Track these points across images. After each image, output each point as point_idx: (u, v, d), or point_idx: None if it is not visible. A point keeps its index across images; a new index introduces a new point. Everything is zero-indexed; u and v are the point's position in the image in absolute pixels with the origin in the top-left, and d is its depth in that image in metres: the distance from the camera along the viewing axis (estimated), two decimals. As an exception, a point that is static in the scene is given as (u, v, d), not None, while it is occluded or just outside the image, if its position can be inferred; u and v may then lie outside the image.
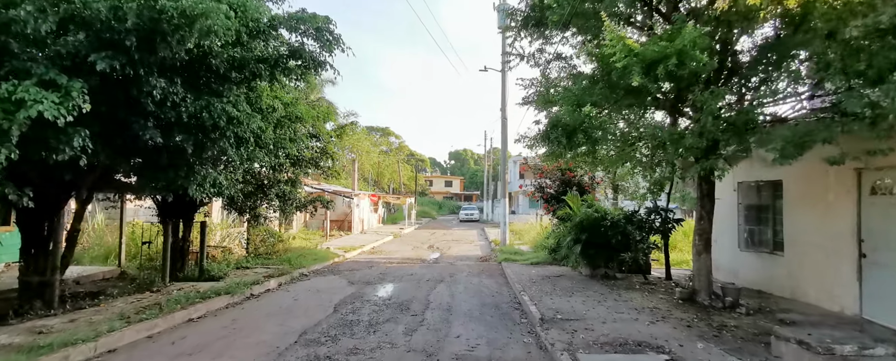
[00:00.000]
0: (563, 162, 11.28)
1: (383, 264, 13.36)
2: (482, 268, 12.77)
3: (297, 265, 11.32)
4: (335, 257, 13.86)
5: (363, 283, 9.98)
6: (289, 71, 7.40)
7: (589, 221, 10.30)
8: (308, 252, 13.60)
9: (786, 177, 8.09)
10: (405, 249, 18.16)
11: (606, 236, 9.97)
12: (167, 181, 6.61)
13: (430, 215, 47.70)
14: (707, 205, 7.55)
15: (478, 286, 9.85)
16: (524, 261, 13.18)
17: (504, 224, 16.94)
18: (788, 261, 8.00)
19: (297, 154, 11.09)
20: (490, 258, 14.86)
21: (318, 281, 10.16)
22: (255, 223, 11.07)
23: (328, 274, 11.18)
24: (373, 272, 11.52)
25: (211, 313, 6.88)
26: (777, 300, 7.65)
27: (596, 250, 10.07)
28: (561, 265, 12.39)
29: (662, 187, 10.55)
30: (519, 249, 15.80)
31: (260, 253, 12.11)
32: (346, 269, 12.12)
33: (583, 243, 10.08)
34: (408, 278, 10.81)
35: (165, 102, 5.85)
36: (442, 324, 6.61)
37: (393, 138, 66.06)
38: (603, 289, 8.81)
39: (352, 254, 15.35)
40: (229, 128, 6.49)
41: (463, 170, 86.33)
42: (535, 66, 8.21)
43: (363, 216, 27.18)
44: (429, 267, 12.79)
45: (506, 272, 11.61)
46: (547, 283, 9.62)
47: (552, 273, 11.00)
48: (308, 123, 10.33)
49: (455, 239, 23.01)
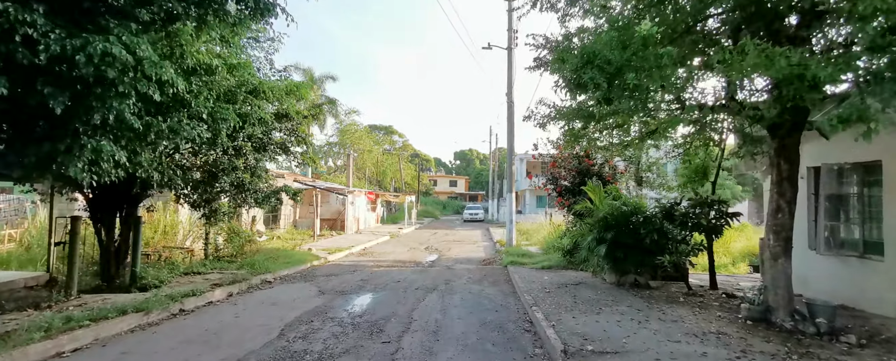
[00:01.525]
0: (580, 147, 9.31)
1: (370, 268, 11.46)
2: (485, 273, 10.83)
3: (262, 270, 9.44)
4: (315, 259, 11.98)
5: (336, 293, 8.08)
6: (225, 14, 5.54)
7: (616, 216, 8.34)
8: (283, 254, 11.73)
9: (887, 156, 6.08)
10: (400, 250, 16.24)
11: (638, 234, 8.01)
12: (40, 157, 4.76)
13: (433, 215, 45.77)
14: (787, 192, 5.54)
15: (477, 297, 7.91)
16: (534, 265, 11.22)
17: (510, 222, 14.99)
18: (891, 267, 5.99)
19: (262, 137, 9.22)
20: (494, 261, 12.90)
21: (280, 291, 8.27)
22: (213, 220, 9.23)
23: (298, 281, 9.28)
24: (353, 279, 9.61)
25: (102, 340, 4.98)
26: (884, 322, 5.64)
27: (625, 251, 8.09)
28: (578, 270, 10.42)
29: (706, 173, 8.58)
30: (527, 250, 13.84)
31: (223, 256, 10.25)
32: (324, 274, 10.22)
33: (608, 243, 8.11)
34: (393, 286, 8.89)
35: (12, 33, 3.99)
36: (422, 357, 4.69)
37: (396, 137, 64.35)
38: (638, 302, 6.84)
39: (337, 256, 13.45)
40: (123, 80, 4.61)
41: (468, 170, 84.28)
42: (550, 8, 6.24)
43: (359, 215, 25.31)
44: (422, 272, 10.86)
45: (513, 278, 9.66)
46: (565, 293, 7.66)
47: (569, 280, 9.04)
48: (271, 98, 8.45)
49: (457, 240, 21.06)
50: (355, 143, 50.93)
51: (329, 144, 47.77)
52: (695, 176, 8.52)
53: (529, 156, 38.81)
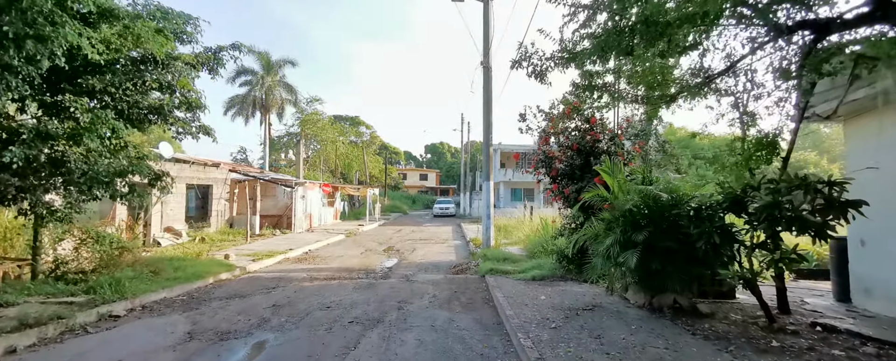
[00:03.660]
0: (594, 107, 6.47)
1: (298, 281, 8.36)
2: (456, 288, 7.92)
3: (120, 294, 6.21)
4: (226, 270, 8.78)
5: (212, 335, 4.99)
6: None
7: (651, 209, 5.59)
8: (181, 265, 8.47)
9: None
10: (352, 253, 13.15)
11: (684, 235, 5.28)
12: None
13: (401, 209, 42.61)
14: None
15: (445, 339, 4.98)
16: (521, 274, 8.41)
17: (488, 218, 12.16)
18: None
19: (114, 91, 5.99)
20: (468, 268, 10.02)
21: (122, 334, 5.11)
22: (47, 219, 5.98)
23: (171, 311, 6.10)
24: (261, 304, 6.52)
25: None
26: None
27: (663, 261, 5.35)
28: (581, 282, 7.69)
29: (774, 144, 5.93)
30: (509, 253, 11.03)
31: (69, 271, 6.93)
32: (223, 296, 7.07)
33: (641, 248, 5.34)
34: (316, 317, 5.85)
35: None
36: None
37: (363, 128, 60.83)
38: (707, 350, 4.09)
39: (263, 264, 10.27)
40: None
41: (440, 164, 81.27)
42: None
43: (311, 211, 21.96)
44: (369, 288, 7.86)
45: (495, 296, 6.80)
46: (580, 330, 4.85)
47: (577, 301, 6.25)
48: (132, 37, 5.27)
49: (424, 238, 18.10)
50: (318, 134, 47.23)
51: (289, 134, 43.87)
52: (758, 150, 5.83)
53: (502, 146, 36.20)
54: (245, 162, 42.59)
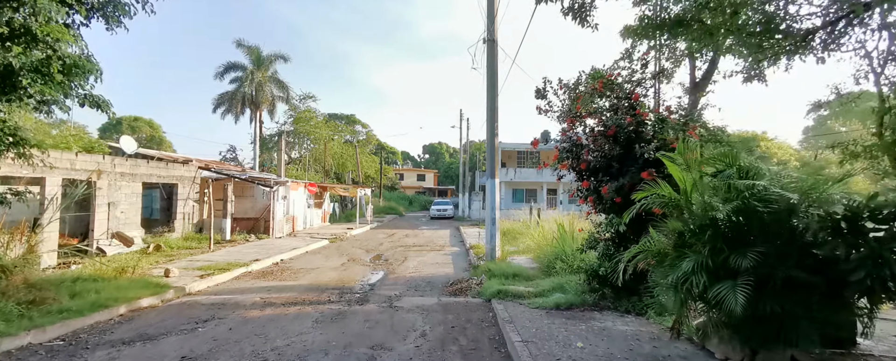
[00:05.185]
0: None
1: (244, 310, 6.28)
2: (453, 321, 5.84)
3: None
4: (152, 293, 6.68)
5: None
6: None
7: (759, 214, 3.55)
8: (83, 287, 6.38)
9: None
10: (331, 263, 11.07)
11: (825, 261, 3.25)
12: None
13: (397, 211, 40.47)
14: None
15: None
16: (538, 299, 6.35)
17: (493, 224, 10.06)
18: None
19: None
20: (469, 288, 7.93)
21: None
22: None
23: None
24: (167, 355, 4.44)
25: None
26: None
27: (784, 299, 3.31)
28: (622, 314, 5.64)
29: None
30: (518, 266, 8.95)
31: None
32: (119, 339, 4.98)
33: (746, 278, 3.29)
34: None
35: None
36: None
37: (359, 127, 58.94)
38: None
39: (210, 282, 8.17)
40: None
41: (438, 164, 79.10)
42: None
43: (295, 213, 19.86)
44: (335, 321, 5.77)
45: (509, 339, 4.72)
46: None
47: (632, 353, 4.18)
48: None
49: (418, 244, 16.00)
50: (311, 132, 45.15)
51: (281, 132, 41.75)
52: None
53: (503, 146, 34.06)
54: (235, 161, 40.38)
